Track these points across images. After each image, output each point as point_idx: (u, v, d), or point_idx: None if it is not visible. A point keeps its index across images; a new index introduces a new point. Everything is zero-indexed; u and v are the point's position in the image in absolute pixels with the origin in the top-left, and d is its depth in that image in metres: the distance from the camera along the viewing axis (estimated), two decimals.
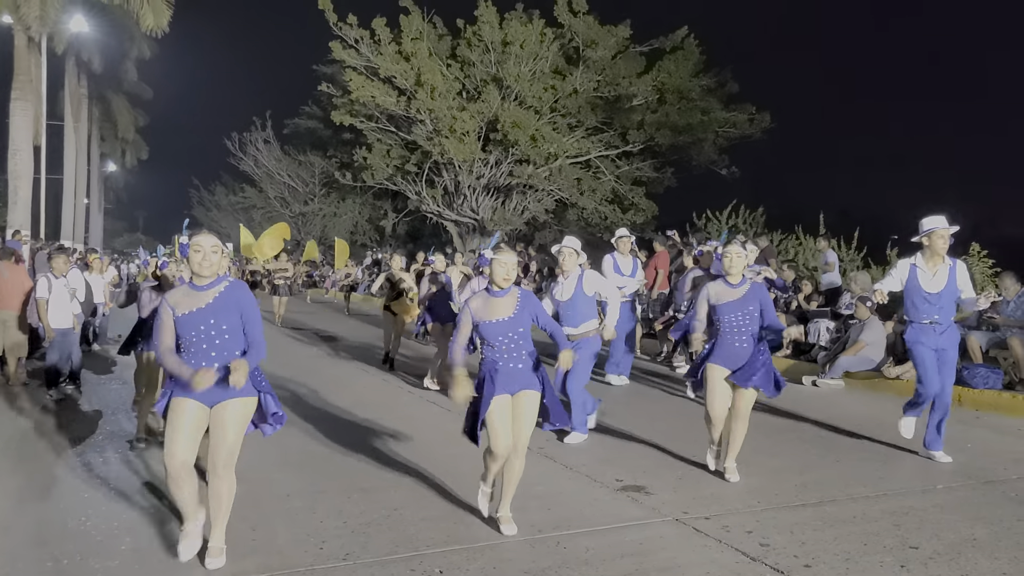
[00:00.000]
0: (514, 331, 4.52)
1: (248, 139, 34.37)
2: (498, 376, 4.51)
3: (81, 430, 7.28)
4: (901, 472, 6.05)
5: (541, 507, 5.12)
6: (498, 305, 4.56)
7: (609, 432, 7.19)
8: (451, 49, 24.01)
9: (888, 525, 4.76)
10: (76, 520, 4.85)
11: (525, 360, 4.57)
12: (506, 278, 4.51)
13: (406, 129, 24.11)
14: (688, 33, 22.21)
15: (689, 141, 22.61)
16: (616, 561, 4.27)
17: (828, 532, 4.63)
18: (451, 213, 24.79)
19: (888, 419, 7.29)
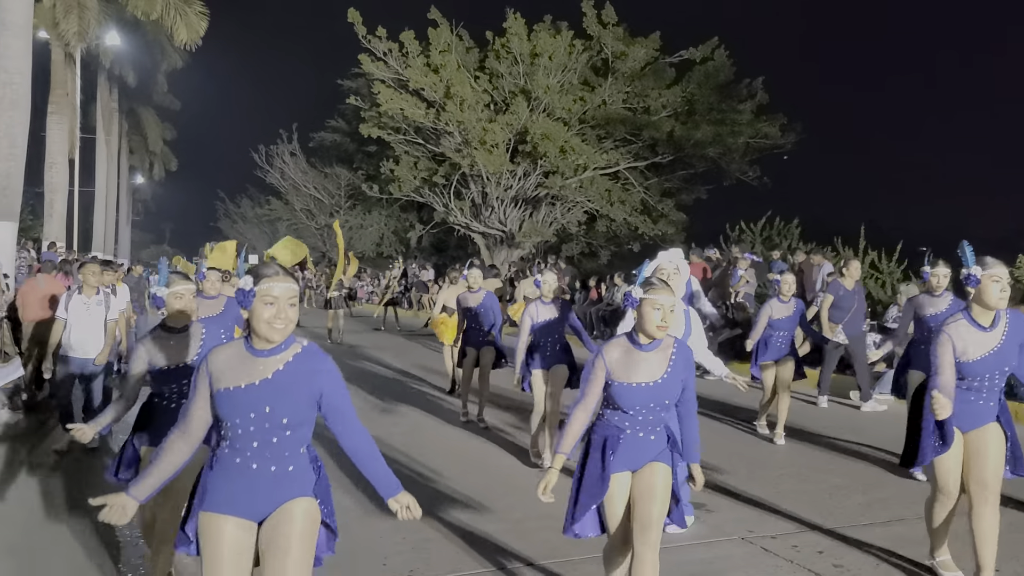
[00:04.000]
0: (659, 401, 3.32)
1: (275, 151, 34.61)
2: (620, 447, 3.35)
3: None
4: None
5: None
6: (644, 363, 3.30)
7: None
8: (479, 61, 24.07)
9: (963, 546, 4.63)
10: None
11: (660, 433, 3.40)
12: (661, 326, 3.24)
13: (434, 141, 24.17)
14: (718, 44, 22.14)
15: (719, 152, 22.49)
16: None
17: (903, 553, 4.51)
18: (479, 225, 24.78)
19: None
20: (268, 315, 2.60)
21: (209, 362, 2.68)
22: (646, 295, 3.27)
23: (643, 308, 3.27)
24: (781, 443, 7.26)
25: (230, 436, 2.66)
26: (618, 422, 3.36)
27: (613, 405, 3.35)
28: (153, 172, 41.56)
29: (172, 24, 18.90)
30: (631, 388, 3.28)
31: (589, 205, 23.22)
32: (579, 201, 23.28)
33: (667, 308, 3.25)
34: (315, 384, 2.69)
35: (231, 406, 2.62)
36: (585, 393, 3.37)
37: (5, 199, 12.93)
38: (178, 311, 3.99)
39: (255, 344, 2.67)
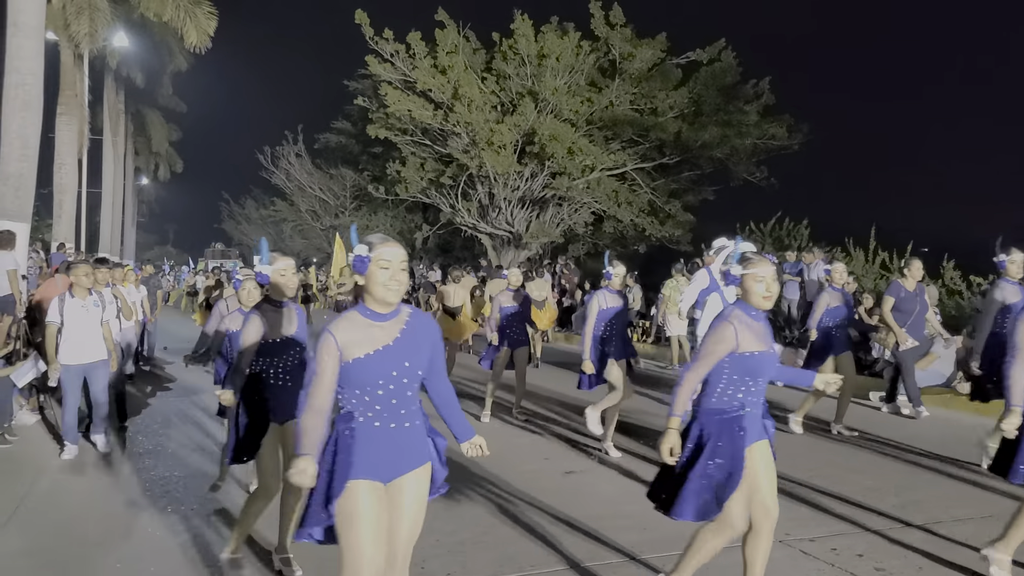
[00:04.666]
0: (771, 370, 3.48)
1: (280, 153, 34.62)
2: (745, 423, 3.39)
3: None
4: (1001, 492, 5.88)
5: (635, 527, 5.01)
6: (761, 332, 3.42)
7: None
8: (486, 62, 24.04)
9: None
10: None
11: (764, 405, 3.53)
12: (767, 296, 3.38)
13: (441, 142, 24.15)
14: (725, 45, 22.10)
15: (727, 153, 22.46)
16: None
17: (944, 556, 4.48)
18: (486, 226, 24.76)
19: (967, 436, 7.12)
20: (384, 278, 2.80)
21: (336, 337, 2.79)
22: (747, 270, 3.40)
23: (746, 283, 3.40)
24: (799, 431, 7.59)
25: (367, 402, 2.81)
26: (742, 398, 3.38)
27: (738, 377, 3.37)
28: (158, 173, 41.54)
29: (182, 26, 18.87)
30: (760, 357, 3.35)
31: (596, 206, 23.19)
32: (586, 202, 23.26)
33: (769, 279, 3.38)
34: (431, 339, 2.96)
35: (369, 372, 2.79)
36: (702, 358, 3.40)
37: (18, 200, 12.89)
38: (281, 287, 4.19)
39: (375, 308, 2.85)
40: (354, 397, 2.82)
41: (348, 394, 2.83)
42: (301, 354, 4.26)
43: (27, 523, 5.17)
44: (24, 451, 7.05)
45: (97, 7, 17.64)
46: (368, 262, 2.80)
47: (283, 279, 4.20)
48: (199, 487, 5.93)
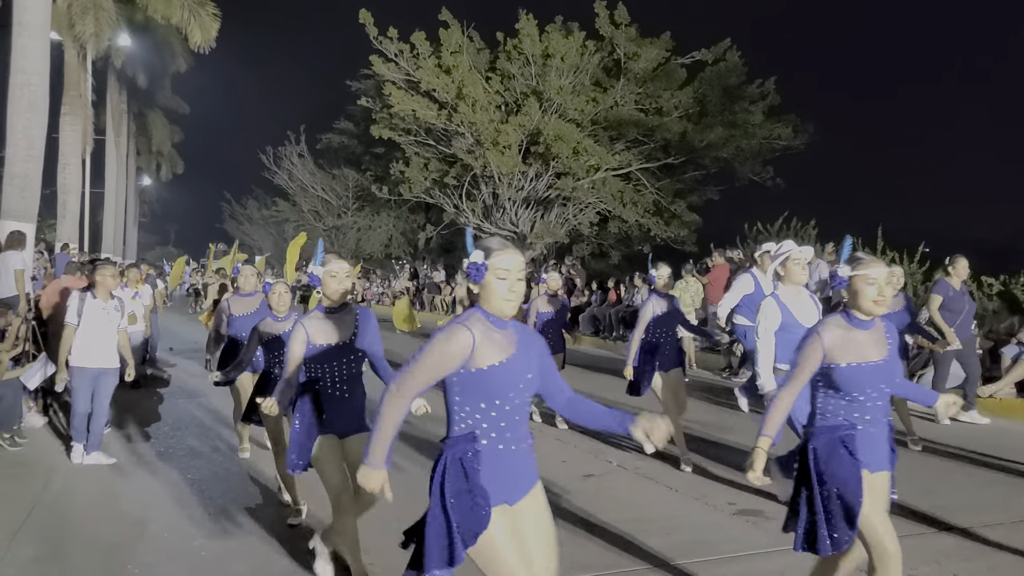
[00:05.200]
0: (888, 381, 3.14)
1: (282, 153, 34.56)
2: (857, 442, 3.08)
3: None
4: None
5: (660, 532, 4.94)
6: (866, 342, 3.13)
7: (696, 450, 6.98)
8: (490, 62, 23.98)
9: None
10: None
11: (884, 426, 3.20)
12: (878, 300, 3.09)
13: (445, 143, 24.09)
14: (730, 44, 22.03)
15: (732, 153, 22.38)
16: None
17: (979, 562, 4.41)
18: (490, 226, 24.67)
19: (988, 438, 7.04)
20: (503, 290, 2.56)
21: (475, 335, 2.53)
22: (856, 271, 3.13)
23: (856, 285, 3.12)
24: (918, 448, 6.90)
25: (493, 418, 2.58)
26: (846, 414, 3.11)
27: (838, 393, 3.12)
28: (160, 174, 41.50)
29: (187, 27, 18.82)
30: (859, 368, 3.07)
31: (602, 206, 23.11)
32: (591, 202, 23.18)
33: (882, 281, 3.10)
34: (540, 350, 2.75)
35: (505, 380, 2.57)
36: (795, 375, 3.16)
37: (23, 201, 12.80)
38: (334, 290, 3.98)
39: (495, 314, 2.60)
40: (478, 412, 2.57)
41: (472, 408, 2.58)
42: (358, 363, 4.03)
43: (41, 527, 5.09)
44: (34, 454, 6.97)
45: (102, 7, 17.56)
46: (485, 271, 2.55)
47: (333, 281, 3.96)
48: (213, 490, 5.86)
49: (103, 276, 6.61)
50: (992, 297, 12.37)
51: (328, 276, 3.97)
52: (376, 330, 4.07)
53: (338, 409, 3.95)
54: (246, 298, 6.52)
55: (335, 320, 3.99)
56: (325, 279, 3.97)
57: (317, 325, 3.96)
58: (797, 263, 5.15)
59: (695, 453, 6.69)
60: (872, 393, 3.09)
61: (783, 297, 5.15)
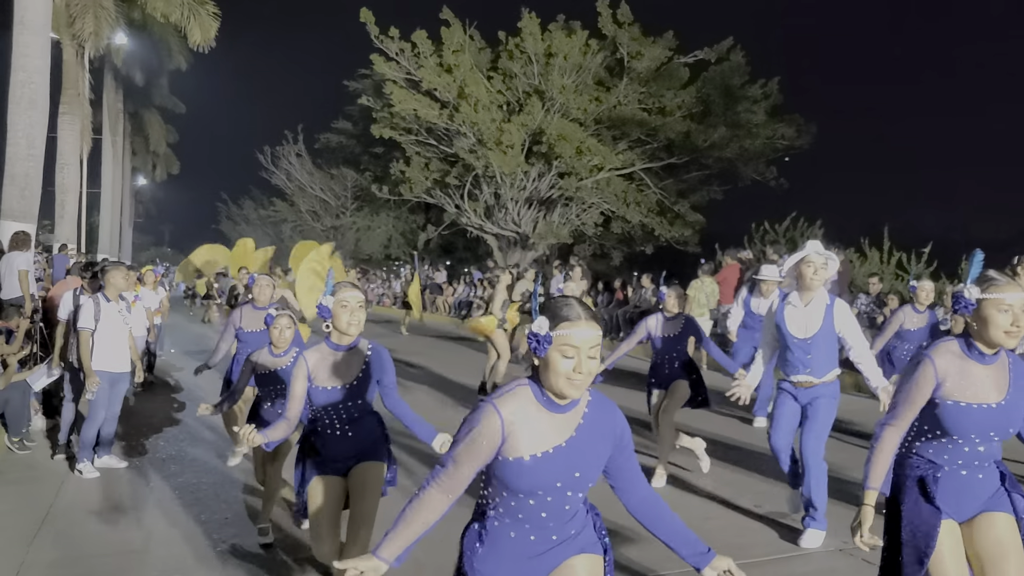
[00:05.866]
0: (1002, 428, 2.67)
1: (280, 152, 34.43)
2: (941, 486, 2.70)
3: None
4: None
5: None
6: (985, 378, 2.67)
7: (712, 449, 6.90)
8: (491, 61, 23.89)
9: None
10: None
11: (991, 470, 2.74)
12: (1011, 331, 2.59)
13: (447, 142, 23.99)
14: (734, 44, 21.97)
15: (736, 153, 22.32)
16: None
17: None
18: (492, 226, 24.59)
19: None
20: (567, 368, 2.07)
21: (504, 417, 2.10)
22: (986, 294, 2.61)
23: (985, 310, 2.62)
24: None
25: (511, 507, 2.19)
26: (934, 455, 2.72)
27: (937, 431, 2.71)
28: (156, 174, 41.32)
29: (186, 25, 18.67)
30: (970, 410, 2.63)
31: (605, 206, 23.04)
32: (595, 202, 23.10)
33: (1017, 308, 2.57)
34: (613, 435, 2.24)
35: (532, 478, 2.12)
36: (900, 408, 2.72)
37: (24, 200, 12.68)
38: (346, 323, 3.49)
39: (552, 395, 2.13)
40: (497, 497, 2.20)
41: (492, 491, 2.22)
42: (365, 406, 3.60)
43: (58, 533, 4.98)
44: (43, 458, 6.85)
45: (102, 5, 17.40)
46: (547, 344, 2.07)
47: (344, 312, 3.47)
48: (229, 494, 5.77)
49: (114, 277, 6.45)
50: None
51: (339, 306, 3.48)
52: (391, 371, 3.63)
53: (340, 449, 3.58)
54: (260, 312, 6.02)
55: (342, 359, 3.54)
56: (336, 310, 3.49)
57: (321, 363, 3.51)
58: (809, 266, 4.74)
59: (714, 458, 6.60)
60: (976, 440, 2.67)
61: (788, 302, 4.86)
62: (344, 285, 3.56)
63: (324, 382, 3.49)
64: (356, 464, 3.60)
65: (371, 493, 3.56)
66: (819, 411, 4.74)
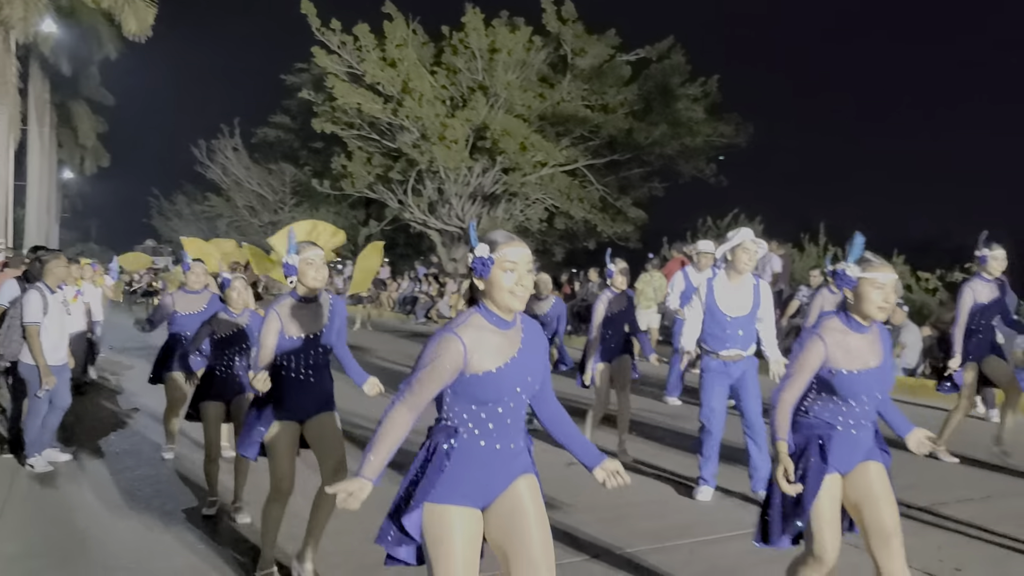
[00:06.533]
0: (881, 389, 3.07)
1: (216, 146, 33.66)
2: (833, 444, 3.04)
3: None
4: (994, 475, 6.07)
5: (651, 515, 5.02)
6: (864, 347, 3.04)
7: (671, 434, 7.08)
8: (435, 56, 23.83)
9: (1012, 527, 4.75)
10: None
11: (868, 428, 3.10)
12: (883, 307, 2.99)
13: (390, 137, 23.84)
14: (674, 43, 22.40)
15: (677, 150, 22.77)
16: (760, 567, 4.16)
17: (959, 535, 4.59)
18: (435, 222, 24.54)
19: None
20: (510, 282, 2.42)
21: (465, 342, 2.41)
22: (865, 274, 2.98)
23: (863, 288, 2.98)
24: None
25: (481, 419, 2.47)
26: (830, 417, 3.05)
27: (830, 396, 3.05)
28: (84, 167, 39.93)
29: (120, 14, 18.17)
30: (855, 376, 2.98)
31: (549, 202, 23.24)
32: (539, 198, 23.28)
33: (889, 287, 2.98)
34: (543, 351, 2.64)
35: (499, 386, 2.45)
36: (795, 376, 3.03)
37: None
38: (312, 278, 3.88)
39: (499, 314, 2.48)
40: (466, 412, 2.47)
41: (460, 408, 2.48)
42: (327, 353, 3.98)
43: (17, 526, 4.87)
44: None
45: None
46: (491, 264, 2.42)
47: (311, 268, 3.86)
48: (188, 483, 5.70)
49: (55, 268, 6.22)
50: (931, 291, 12.92)
51: (305, 264, 3.85)
52: (344, 319, 4.09)
53: (301, 394, 3.88)
54: (192, 295, 6.40)
55: (308, 310, 3.91)
56: (302, 267, 3.85)
57: (290, 315, 3.86)
58: (745, 251, 5.20)
59: (673, 447, 6.79)
60: (865, 399, 3.04)
61: (717, 282, 5.31)
62: (306, 245, 3.92)
63: (294, 332, 3.85)
64: (315, 415, 3.92)
65: (336, 440, 3.92)
66: (751, 380, 5.33)
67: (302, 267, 3.85)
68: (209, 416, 5.13)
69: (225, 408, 5.19)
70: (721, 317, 5.25)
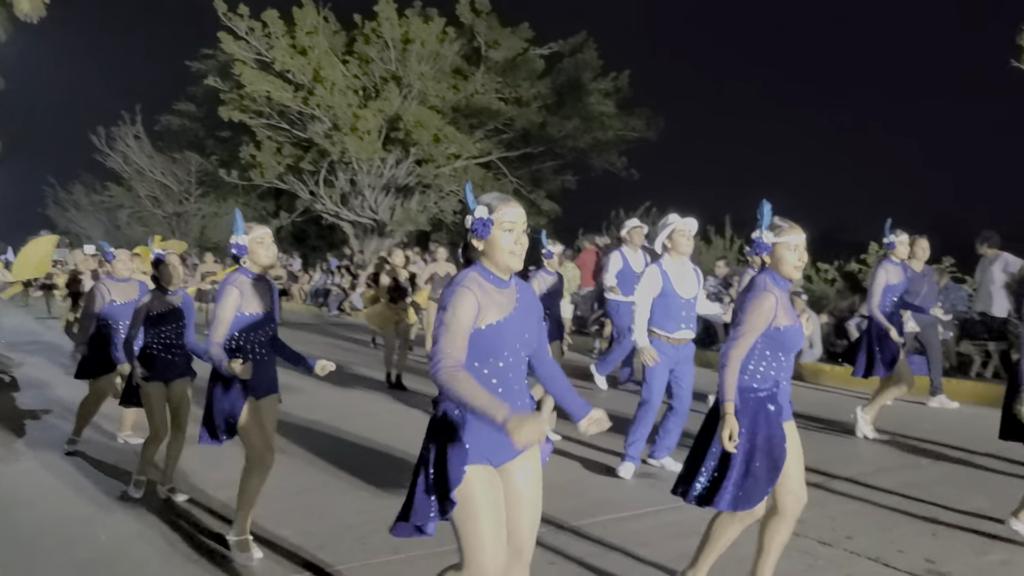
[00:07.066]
0: (802, 343, 3.38)
1: (116, 134, 32.29)
2: (778, 400, 3.26)
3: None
4: (889, 449, 6.39)
5: (570, 495, 5.10)
6: (789, 304, 3.28)
7: None
8: (347, 45, 23.47)
9: (898, 499, 5.03)
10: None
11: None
12: (798, 266, 3.22)
13: (300, 127, 23.36)
14: (587, 37, 22.70)
15: (589, 144, 23.09)
16: (672, 542, 4.29)
17: (851, 505, 4.83)
18: (348, 213, 24.20)
19: (841, 405, 7.67)
20: (508, 242, 2.53)
21: (476, 295, 2.48)
22: (779, 237, 3.20)
23: (778, 251, 3.20)
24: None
25: (484, 375, 2.52)
26: (775, 374, 3.23)
27: (775, 353, 3.21)
28: None
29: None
30: (792, 330, 3.19)
31: (463, 194, 23.21)
32: (453, 190, 23.24)
33: (802, 247, 3.21)
34: (537, 311, 2.72)
35: (500, 339, 2.52)
36: (746, 334, 3.16)
37: None
38: (264, 256, 3.97)
39: (497, 273, 2.57)
40: (471, 370, 2.48)
41: (466, 366, 2.48)
42: (275, 329, 4.11)
43: None
44: None
45: None
46: (491, 225, 2.51)
47: (261, 247, 3.95)
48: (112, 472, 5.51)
49: None
50: (830, 282, 13.50)
51: (255, 243, 3.95)
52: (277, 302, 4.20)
53: (258, 373, 3.94)
54: (122, 284, 6.25)
55: (261, 288, 4.01)
56: (252, 247, 3.95)
57: (246, 293, 3.93)
58: (682, 234, 5.40)
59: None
60: (790, 356, 3.26)
61: (666, 266, 5.45)
62: (253, 224, 4.02)
63: (251, 309, 3.93)
64: (264, 395, 4.02)
65: (274, 423, 4.13)
66: (689, 363, 5.55)
67: (252, 246, 3.94)
68: (151, 398, 5.03)
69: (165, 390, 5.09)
70: (676, 299, 5.39)
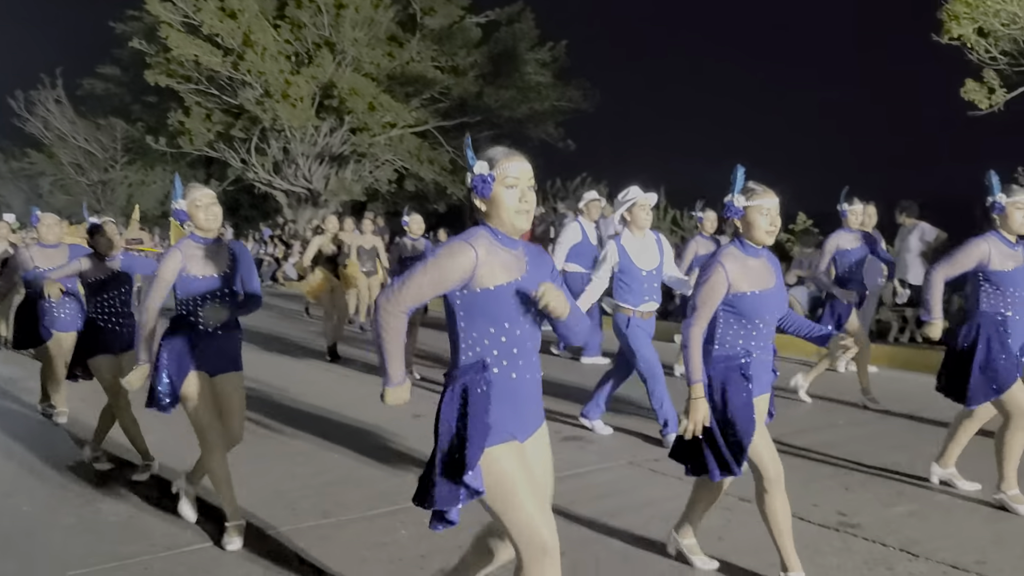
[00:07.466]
0: (781, 308, 3.24)
1: (36, 98, 30.95)
2: (751, 370, 3.18)
3: None
4: (811, 411, 6.64)
5: None
6: (760, 269, 3.17)
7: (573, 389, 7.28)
8: (278, 9, 22.84)
9: (816, 457, 5.25)
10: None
11: (771, 349, 3.29)
12: (769, 231, 3.13)
13: (230, 93, 22.72)
14: (524, 7, 22.57)
15: (526, 114, 23.04)
16: (599, 501, 4.41)
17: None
18: (281, 182, 23.73)
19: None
20: (513, 200, 2.34)
21: (478, 251, 2.29)
22: (751, 202, 3.13)
23: (750, 215, 3.12)
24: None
25: (503, 343, 2.36)
26: (744, 343, 3.17)
27: (740, 321, 3.15)
28: None
29: None
30: (760, 296, 3.12)
31: (399, 163, 22.99)
32: (388, 159, 22.98)
33: (774, 212, 3.13)
34: (549, 274, 2.50)
35: (510, 302, 2.34)
36: (700, 309, 3.11)
37: None
38: (204, 219, 3.75)
39: (505, 232, 2.37)
40: (487, 337, 2.34)
41: (480, 333, 2.35)
42: (233, 300, 3.83)
43: None
44: None
45: None
46: (492, 182, 2.32)
47: (200, 211, 3.72)
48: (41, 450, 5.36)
49: None
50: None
51: (192, 206, 3.74)
52: (252, 264, 3.97)
53: (211, 346, 3.78)
54: (49, 250, 5.98)
55: (211, 251, 3.78)
56: (191, 210, 3.75)
57: (192, 255, 3.73)
58: (642, 208, 5.46)
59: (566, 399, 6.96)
60: (768, 319, 3.19)
61: (625, 241, 5.49)
62: (192, 186, 3.83)
63: (198, 271, 3.73)
64: (228, 372, 3.85)
65: (240, 402, 3.92)
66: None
67: (191, 210, 3.75)
68: (102, 370, 4.84)
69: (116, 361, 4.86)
70: (636, 272, 5.42)
